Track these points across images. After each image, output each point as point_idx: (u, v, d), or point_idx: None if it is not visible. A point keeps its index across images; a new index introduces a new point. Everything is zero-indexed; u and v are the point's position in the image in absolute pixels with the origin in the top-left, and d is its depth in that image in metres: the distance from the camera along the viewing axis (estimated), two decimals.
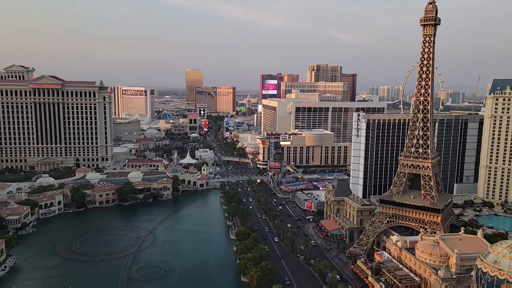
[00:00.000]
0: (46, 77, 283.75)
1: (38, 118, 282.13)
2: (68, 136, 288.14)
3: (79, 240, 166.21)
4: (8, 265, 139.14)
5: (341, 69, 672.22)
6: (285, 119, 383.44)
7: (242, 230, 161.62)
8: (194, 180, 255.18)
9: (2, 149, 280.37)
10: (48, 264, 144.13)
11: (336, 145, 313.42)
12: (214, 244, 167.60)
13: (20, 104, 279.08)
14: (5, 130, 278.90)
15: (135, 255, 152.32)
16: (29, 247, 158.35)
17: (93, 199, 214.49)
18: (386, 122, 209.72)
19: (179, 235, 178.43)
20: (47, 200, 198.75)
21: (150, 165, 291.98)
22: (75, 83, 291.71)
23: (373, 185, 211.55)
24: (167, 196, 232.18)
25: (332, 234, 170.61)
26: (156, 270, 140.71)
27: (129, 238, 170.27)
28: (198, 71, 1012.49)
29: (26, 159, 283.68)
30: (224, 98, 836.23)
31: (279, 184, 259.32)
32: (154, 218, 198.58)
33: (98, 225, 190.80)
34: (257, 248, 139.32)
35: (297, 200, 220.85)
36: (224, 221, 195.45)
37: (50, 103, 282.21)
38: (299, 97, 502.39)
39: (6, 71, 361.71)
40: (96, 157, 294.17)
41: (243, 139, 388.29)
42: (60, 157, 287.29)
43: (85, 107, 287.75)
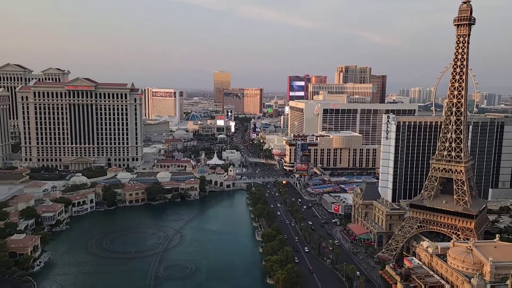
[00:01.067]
0: (81, 79, 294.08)
1: (73, 119, 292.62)
2: (100, 136, 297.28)
3: (110, 237, 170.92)
4: (43, 260, 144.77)
5: (371, 70, 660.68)
6: (313, 121, 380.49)
7: (268, 231, 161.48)
8: (220, 181, 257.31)
9: (39, 148, 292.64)
10: (80, 260, 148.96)
11: (364, 148, 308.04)
12: (240, 245, 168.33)
13: (56, 106, 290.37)
14: (42, 131, 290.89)
15: (163, 254, 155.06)
16: (62, 244, 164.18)
17: (123, 198, 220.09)
18: (417, 124, 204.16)
19: (205, 235, 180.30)
20: (80, 198, 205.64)
21: (178, 165, 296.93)
22: (108, 85, 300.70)
23: (403, 189, 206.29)
24: (195, 196, 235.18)
25: (360, 238, 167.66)
26: (183, 269, 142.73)
27: (158, 237, 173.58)
28: (226, 73, 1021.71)
29: (61, 159, 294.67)
30: (251, 100, 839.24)
31: (306, 186, 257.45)
32: (181, 217, 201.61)
33: (128, 223, 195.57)
34: (283, 251, 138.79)
35: (324, 203, 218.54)
36: (250, 222, 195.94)
37: (83, 104, 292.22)
38: (326, 98, 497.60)
39: (44, 74, 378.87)
40: (126, 157, 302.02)
41: (270, 141, 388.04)
42: (93, 156, 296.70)
43: (117, 109, 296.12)
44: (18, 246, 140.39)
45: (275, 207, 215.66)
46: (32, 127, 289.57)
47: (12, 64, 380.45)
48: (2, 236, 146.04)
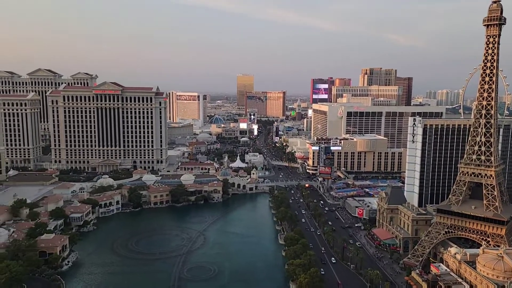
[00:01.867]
0: (108, 84, 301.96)
1: (100, 122, 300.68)
2: (126, 139, 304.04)
3: (135, 238, 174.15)
4: (71, 260, 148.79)
5: (396, 73, 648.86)
6: (336, 124, 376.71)
7: (290, 235, 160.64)
8: (243, 184, 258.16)
9: (68, 151, 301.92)
10: (107, 261, 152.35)
11: (389, 151, 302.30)
12: (263, 248, 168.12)
13: (84, 109, 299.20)
14: (71, 133, 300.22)
15: (187, 256, 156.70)
16: (89, 244, 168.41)
17: (148, 200, 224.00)
18: (444, 127, 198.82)
19: (228, 237, 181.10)
20: (107, 200, 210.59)
21: (201, 168, 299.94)
22: (134, 89, 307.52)
23: (429, 194, 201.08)
24: (218, 199, 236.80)
25: (385, 243, 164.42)
26: (206, 271, 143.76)
27: (181, 239, 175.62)
28: (249, 76, 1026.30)
29: (89, 161, 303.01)
30: (274, 103, 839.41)
31: (329, 190, 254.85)
32: (205, 220, 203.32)
33: (153, 225, 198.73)
34: (306, 254, 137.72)
35: (348, 207, 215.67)
36: (273, 226, 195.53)
37: (110, 108, 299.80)
38: (350, 101, 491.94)
39: (73, 78, 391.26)
40: (151, 160, 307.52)
41: (293, 144, 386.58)
42: (119, 159, 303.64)
43: (142, 112, 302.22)
44: (48, 245, 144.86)
45: (298, 210, 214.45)
46: (61, 130, 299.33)
47: (43, 69, 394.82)
48: (33, 236, 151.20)
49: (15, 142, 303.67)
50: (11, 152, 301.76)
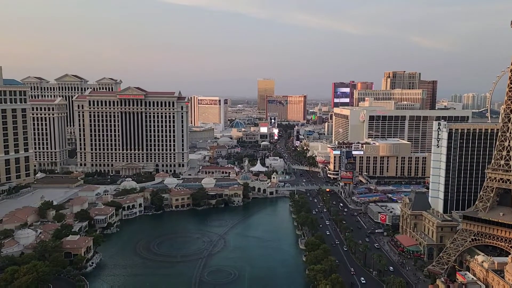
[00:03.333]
0: (132, 89, 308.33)
1: (124, 127, 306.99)
2: (149, 143, 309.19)
3: (157, 241, 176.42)
4: (95, 261, 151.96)
5: (420, 76, 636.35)
6: (358, 128, 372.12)
7: (311, 240, 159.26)
8: (264, 188, 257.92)
9: (93, 154, 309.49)
10: (129, 262, 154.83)
11: (413, 156, 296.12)
12: (283, 253, 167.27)
13: (109, 114, 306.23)
14: (96, 137, 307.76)
15: (207, 259, 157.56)
16: (113, 246, 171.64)
17: (170, 203, 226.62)
18: (470, 131, 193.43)
19: (249, 241, 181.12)
20: (130, 202, 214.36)
21: (222, 171, 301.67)
22: (156, 93, 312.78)
23: (455, 200, 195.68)
24: (238, 203, 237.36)
25: (409, 250, 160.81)
26: (226, 275, 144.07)
27: (202, 242, 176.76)
28: (270, 80, 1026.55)
29: (113, 164, 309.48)
30: (294, 107, 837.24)
31: (351, 195, 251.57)
32: (225, 223, 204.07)
33: (174, 227, 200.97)
34: (327, 260, 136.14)
35: (370, 212, 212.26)
36: (293, 230, 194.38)
37: (134, 112, 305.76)
38: (373, 105, 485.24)
39: (98, 83, 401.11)
40: (173, 163, 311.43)
41: (314, 148, 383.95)
42: (142, 162, 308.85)
43: (165, 116, 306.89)
44: (73, 246, 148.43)
45: (318, 215, 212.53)
46: (87, 134, 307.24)
47: (70, 75, 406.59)
48: (59, 237, 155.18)
49: (43, 146, 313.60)
50: (39, 155, 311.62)
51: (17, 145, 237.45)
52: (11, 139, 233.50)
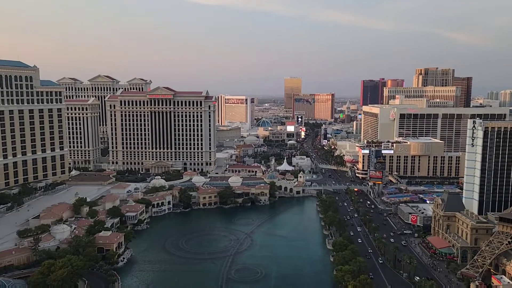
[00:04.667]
0: (161, 88, 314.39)
1: (153, 126, 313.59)
2: (177, 142, 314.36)
3: (185, 238, 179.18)
4: (126, 256, 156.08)
5: (453, 72, 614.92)
6: (388, 127, 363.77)
7: (339, 240, 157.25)
8: (290, 187, 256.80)
9: (124, 152, 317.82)
10: (159, 259, 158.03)
11: (446, 155, 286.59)
12: (310, 253, 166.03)
13: (139, 113, 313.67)
14: (126, 136, 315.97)
15: (234, 257, 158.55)
16: (143, 242, 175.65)
17: (197, 201, 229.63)
18: (508, 130, 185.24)
19: (275, 240, 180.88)
20: (159, 200, 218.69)
21: (248, 170, 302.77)
22: (185, 93, 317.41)
23: (490, 201, 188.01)
24: (264, 202, 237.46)
25: (441, 252, 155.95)
26: (253, 273, 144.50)
27: (229, 240, 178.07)
28: (297, 79, 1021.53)
29: (143, 162, 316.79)
30: (322, 105, 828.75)
31: (380, 195, 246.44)
32: (252, 222, 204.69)
33: (202, 225, 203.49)
34: (356, 261, 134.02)
35: (400, 213, 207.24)
36: (320, 230, 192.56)
37: (163, 111, 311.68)
38: (403, 103, 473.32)
39: (129, 84, 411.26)
40: (201, 162, 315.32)
41: (341, 147, 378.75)
42: (170, 161, 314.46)
43: (192, 115, 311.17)
44: (105, 242, 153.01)
45: (346, 215, 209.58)
46: (118, 133, 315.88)
47: (103, 76, 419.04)
48: (92, 233, 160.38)
49: (77, 144, 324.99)
50: (74, 154, 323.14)
51: (53, 144, 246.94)
52: (48, 138, 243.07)
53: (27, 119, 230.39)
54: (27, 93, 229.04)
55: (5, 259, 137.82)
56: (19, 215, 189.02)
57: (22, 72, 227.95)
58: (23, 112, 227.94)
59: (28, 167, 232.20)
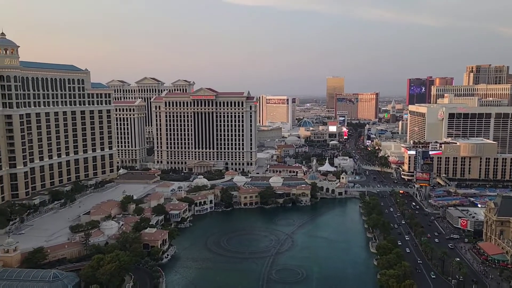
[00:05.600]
0: (204, 90, 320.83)
1: (196, 126, 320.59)
2: (219, 142, 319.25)
3: (227, 237, 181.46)
4: (170, 253, 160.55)
5: (508, 69, 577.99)
6: (436, 127, 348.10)
7: (383, 244, 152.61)
8: (332, 188, 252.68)
9: (168, 152, 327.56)
10: (201, 256, 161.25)
11: (500, 157, 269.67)
12: (353, 255, 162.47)
13: (182, 114, 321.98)
14: (171, 136, 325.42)
15: (275, 257, 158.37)
16: (186, 239, 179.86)
17: (238, 200, 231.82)
18: None
19: (317, 241, 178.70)
20: (201, 199, 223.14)
21: (289, 171, 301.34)
22: (226, 94, 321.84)
23: None
24: (306, 202, 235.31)
25: (493, 259, 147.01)
26: (294, 274, 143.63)
27: (270, 240, 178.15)
28: (340, 78, 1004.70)
29: (186, 162, 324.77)
30: (365, 105, 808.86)
31: (427, 197, 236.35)
32: (293, 222, 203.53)
33: (243, 224, 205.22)
34: (401, 265, 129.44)
35: (449, 217, 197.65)
36: (363, 233, 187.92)
37: (205, 112, 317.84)
38: (453, 102, 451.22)
39: (173, 85, 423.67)
40: (242, 162, 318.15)
41: (386, 148, 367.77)
42: (212, 160, 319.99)
43: (234, 116, 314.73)
44: (150, 239, 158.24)
45: (391, 218, 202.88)
46: (163, 133, 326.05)
47: (149, 78, 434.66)
48: (138, 229, 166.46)
49: (124, 144, 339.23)
50: (121, 153, 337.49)
51: (103, 144, 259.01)
52: (98, 138, 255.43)
53: (79, 120, 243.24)
54: (79, 95, 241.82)
55: (59, 253, 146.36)
56: (71, 211, 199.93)
57: (75, 75, 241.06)
58: (75, 113, 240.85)
59: (80, 165, 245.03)
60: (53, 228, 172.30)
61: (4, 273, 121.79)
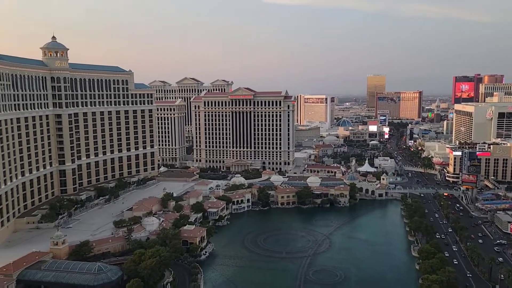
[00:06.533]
0: (242, 89, 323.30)
1: (234, 126, 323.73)
2: (257, 141, 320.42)
3: (263, 236, 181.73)
4: (207, 250, 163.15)
5: None
6: (484, 126, 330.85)
7: (426, 247, 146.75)
8: (372, 189, 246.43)
9: (207, 151, 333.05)
10: (238, 254, 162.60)
11: None
12: (393, 258, 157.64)
13: (221, 113, 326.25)
14: (209, 135, 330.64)
15: (312, 258, 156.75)
16: (223, 237, 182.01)
17: (275, 200, 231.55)
18: None
19: (355, 243, 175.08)
20: (239, 198, 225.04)
21: (327, 171, 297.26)
22: (264, 93, 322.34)
23: None
24: (344, 203, 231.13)
25: None
26: (332, 275, 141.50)
27: (307, 241, 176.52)
28: (381, 76, 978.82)
29: (224, 160, 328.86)
30: (408, 104, 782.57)
31: (474, 201, 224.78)
32: (330, 223, 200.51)
33: (280, 224, 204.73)
34: (445, 271, 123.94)
35: (498, 221, 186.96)
36: (404, 236, 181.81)
37: (243, 112, 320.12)
38: (503, 100, 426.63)
39: (212, 85, 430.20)
40: (279, 161, 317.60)
41: (430, 148, 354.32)
42: (250, 160, 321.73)
43: (272, 115, 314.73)
44: (189, 235, 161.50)
45: (434, 221, 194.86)
46: (201, 132, 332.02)
47: (189, 78, 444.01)
48: (177, 226, 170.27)
49: (165, 143, 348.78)
50: (162, 151, 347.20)
51: (145, 142, 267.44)
52: (140, 136, 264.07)
53: (122, 119, 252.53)
54: (123, 95, 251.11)
55: (103, 246, 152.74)
56: (115, 206, 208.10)
57: (119, 76, 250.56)
58: (119, 113, 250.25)
59: (123, 163, 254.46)
60: (98, 222, 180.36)
61: (54, 264, 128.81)
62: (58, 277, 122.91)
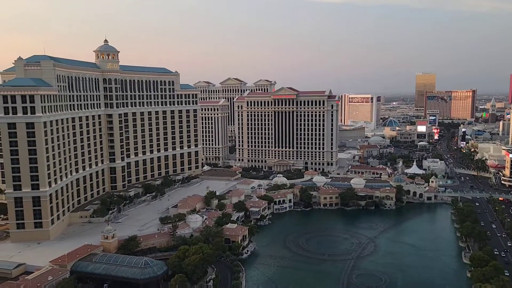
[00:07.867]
0: (285, 89, 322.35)
1: (276, 125, 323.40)
2: (299, 141, 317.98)
3: (305, 237, 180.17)
4: (249, 249, 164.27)
5: None
6: None
7: (478, 254, 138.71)
8: (420, 192, 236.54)
9: (249, 150, 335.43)
10: (279, 254, 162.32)
11: None
12: (442, 265, 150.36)
13: (263, 113, 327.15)
14: (252, 135, 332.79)
15: (356, 261, 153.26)
16: (265, 237, 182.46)
17: (318, 201, 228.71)
18: None
19: (402, 248, 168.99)
20: (280, 197, 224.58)
21: (372, 172, 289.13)
22: (307, 93, 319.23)
23: None
24: (390, 206, 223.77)
25: None
26: (376, 280, 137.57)
27: (350, 243, 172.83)
28: (430, 74, 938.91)
29: (266, 160, 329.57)
30: (460, 103, 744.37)
31: None
32: (375, 226, 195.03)
33: (322, 225, 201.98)
34: (499, 279, 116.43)
35: None
36: (455, 241, 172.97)
37: (286, 111, 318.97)
38: None
39: (255, 85, 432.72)
40: (322, 162, 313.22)
41: (484, 150, 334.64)
42: (292, 160, 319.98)
43: (315, 115, 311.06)
44: (231, 234, 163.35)
45: (488, 227, 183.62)
46: (244, 132, 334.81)
47: (232, 78, 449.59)
48: (220, 224, 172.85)
49: (208, 142, 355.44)
50: (206, 151, 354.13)
51: (189, 141, 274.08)
52: (185, 136, 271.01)
53: (168, 119, 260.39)
54: (169, 96, 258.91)
55: (150, 242, 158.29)
56: (161, 203, 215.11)
57: (166, 77, 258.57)
58: (166, 112, 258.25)
59: (169, 161, 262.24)
60: (145, 218, 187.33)
61: (104, 257, 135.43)
62: (108, 269, 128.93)
